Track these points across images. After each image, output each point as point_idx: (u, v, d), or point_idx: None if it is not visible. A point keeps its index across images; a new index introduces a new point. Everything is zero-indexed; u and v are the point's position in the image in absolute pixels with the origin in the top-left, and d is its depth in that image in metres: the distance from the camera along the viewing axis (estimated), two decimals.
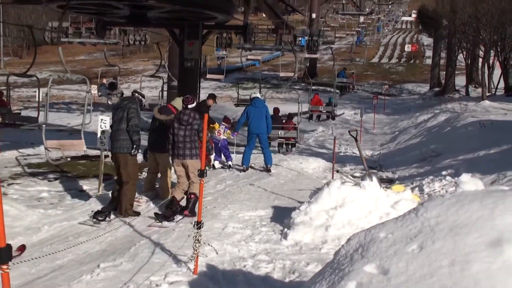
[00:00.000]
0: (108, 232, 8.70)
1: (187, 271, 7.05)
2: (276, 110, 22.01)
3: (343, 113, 36.19)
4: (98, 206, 10.52)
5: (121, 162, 10.30)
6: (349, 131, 12.07)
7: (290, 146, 22.13)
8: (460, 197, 3.91)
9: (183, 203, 10.49)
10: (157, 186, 11.99)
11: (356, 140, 11.52)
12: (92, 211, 10.20)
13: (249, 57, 44.10)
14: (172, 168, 11.30)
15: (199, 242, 6.96)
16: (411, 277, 3.36)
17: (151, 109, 15.23)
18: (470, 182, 9.59)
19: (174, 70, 23.51)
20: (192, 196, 10.30)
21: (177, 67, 19.05)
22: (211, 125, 15.42)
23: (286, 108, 27.71)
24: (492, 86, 36.36)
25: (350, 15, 73.02)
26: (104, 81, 37.69)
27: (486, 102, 28.75)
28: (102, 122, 11.64)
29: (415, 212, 3.98)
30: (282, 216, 9.85)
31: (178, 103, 11.67)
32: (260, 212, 10.57)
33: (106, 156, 11.82)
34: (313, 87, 35.97)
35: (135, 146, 10.24)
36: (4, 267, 3.54)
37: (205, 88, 41.60)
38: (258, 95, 16.02)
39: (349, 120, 33.62)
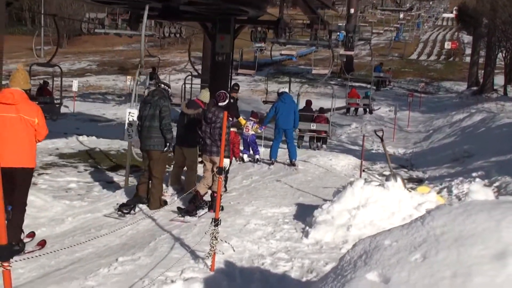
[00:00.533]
0: (129, 225, 8.79)
1: (204, 267, 7.07)
2: (309, 102, 22.32)
3: (379, 108, 35.97)
4: (124, 199, 10.62)
5: (153, 159, 10.44)
6: (375, 131, 11.95)
7: (321, 142, 21.78)
8: (468, 207, 3.84)
9: (207, 197, 10.54)
10: (183, 179, 12.05)
11: (382, 140, 11.40)
12: (117, 204, 10.31)
13: (283, 52, 44.18)
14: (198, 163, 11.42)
15: (216, 239, 6.98)
16: (412, 287, 3.32)
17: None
18: (480, 191, 9.44)
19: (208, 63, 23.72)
20: (216, 194, 10.05)
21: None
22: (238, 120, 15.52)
23: (320, 103, 27.57)
24: None
25: (390, 10, 72.35)
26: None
27: None
28: (130, 115, 11.75)
29: (421, 220, 3.92)
30: (306, 214, 9.81)
31: (204, 96, 11.78)
32: (284, 209, 10.55)
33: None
34: (350, 83, 36.08)
35: (168, 144, 10.41)
36: (5, 264, 3.58)
37: (241, 82, 41.70)
38: (286, 89, 16.08)
39: (383, 117, 33.34)
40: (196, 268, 7.04)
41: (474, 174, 14.17)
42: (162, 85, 10.99)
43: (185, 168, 11.94)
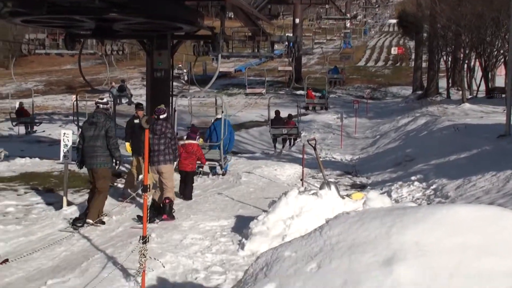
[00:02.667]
0: (63, 247, 8.73)
1: (134, 285, 7.07)
2: (277, 112, 25.52)
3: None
4: (60, 220, 10.58)
5: (99, 176, 10.73)
6: (307, 141, 12.12)
7: (292, 141, 25.87)
8: (363, 215, 3.96)
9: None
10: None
11: (315, 149, 11.57)
12: (70, 218, 10.68)
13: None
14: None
15: (145, 257, 6.97)
16: None
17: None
18: (376, 199, 9.64)
19: None
20: (167, 200, 10.88)
21: None
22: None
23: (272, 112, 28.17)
24: (474, 88, 36.53)
25: (334, 19, 73.20)
26: (114, 84, 40.21)
27: (466, 105, 28.86)
28: (65, 137, 11.68)
29: (320, 230, 4.03)
30: (243, 226, 9.87)
31: None
32: (223, 222, 10.60)
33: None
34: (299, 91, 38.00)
35: (118, 162, 10.96)
36: None
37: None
38: (219, 116, 16.98)
39: (331, 125, 33.67)
40: (126, 286, 7.05)
41: (413, 178, 14.43)
42: (101, 105, 11.11)
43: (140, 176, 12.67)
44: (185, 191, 13.05)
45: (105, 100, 11.56)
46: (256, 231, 9.22)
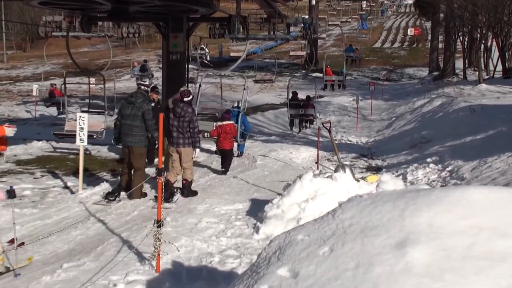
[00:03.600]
0: (79, 231, 8.79)
1: (149, 269, 7.09)
2: (295, 93, 26.39)
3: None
4: (76, 204, 10.65)
5: (135, 154, 11.36)
6: (322, 123, 12.09)
7: (308, 123, 26.85)
8: (376, 198, 3.93)
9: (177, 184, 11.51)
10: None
11: (329, 132, 11.54)
12: (103, 192, 11.31)
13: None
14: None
15: (159, 240, 7.00)
16: (318, 280, 3.39)
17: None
18: (390, 182, 9.61)
19: None
20: (185, 182, 11.38)
21: None
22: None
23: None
24: (491, 69, 36.13)
25: (351, 0, 72.70)
26: (136, 64, 42.13)
27: (483, 86, 28.55)
28: (81, 119, 11.74)
29: (332, 213, 4.01)
30: (258, 210, 9.86)
31: None
32: (238, 206, 10.59)
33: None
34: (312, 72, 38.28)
35: (156, 142, 11.44)
36: None
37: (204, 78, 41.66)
38: (235, 104, 17.75)
39: (347, 107, 33.55)
40: (141, 270, 7.06)
41: (428, 160, 14.37)
42: (142, 87, 11.76)
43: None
44: (225, 166, 14.12)
45: (147, 82, 12.10)
46: (271, 215, 9.22)
